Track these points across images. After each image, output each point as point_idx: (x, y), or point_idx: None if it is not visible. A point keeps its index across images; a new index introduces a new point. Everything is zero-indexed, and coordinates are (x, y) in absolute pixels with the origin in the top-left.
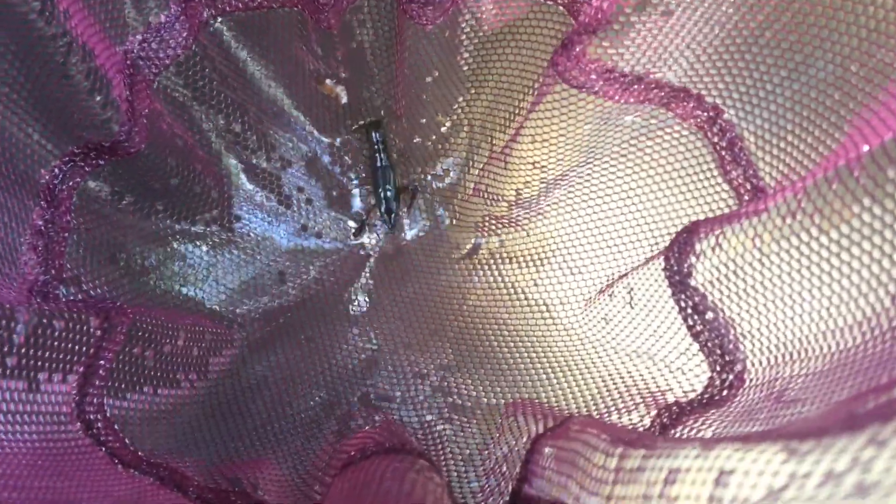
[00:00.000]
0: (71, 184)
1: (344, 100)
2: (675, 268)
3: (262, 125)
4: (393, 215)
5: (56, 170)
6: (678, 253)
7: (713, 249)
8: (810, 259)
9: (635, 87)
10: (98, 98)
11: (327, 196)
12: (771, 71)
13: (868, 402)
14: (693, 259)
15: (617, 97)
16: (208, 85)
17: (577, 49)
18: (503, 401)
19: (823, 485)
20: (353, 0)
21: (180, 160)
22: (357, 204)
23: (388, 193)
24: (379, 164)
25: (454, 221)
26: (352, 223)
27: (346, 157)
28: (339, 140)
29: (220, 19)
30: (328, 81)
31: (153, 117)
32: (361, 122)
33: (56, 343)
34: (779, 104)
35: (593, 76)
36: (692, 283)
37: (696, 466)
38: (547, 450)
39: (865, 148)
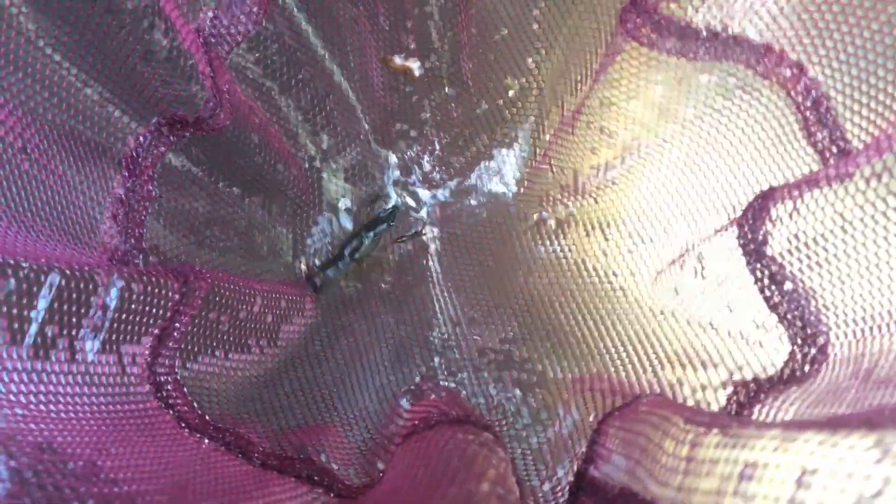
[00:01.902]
0: (155, 153)
1: (417, 73)
2: (750, 235)
3: (329, 101)
4: (318, 279)
5: (141, 138)
6: (753, 220)
7: (790, 215)
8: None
9: (711, 43)
10: (182, 74)
11: (390, 172)
12: (861, 23)
13: None
14: (769, 226)
15: (691, 55)
16: (279, 61)
17: (648, 4)
18: (570, 375)
19: None
20: None
21: (262, 138)
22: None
23: (339, 263)
24: (364, 239)
25: (521, 191)
26: (411, 201)
27: (411, 132)
28: (398, 121)
29: None
30: (396, 59)
31: (234, 95)
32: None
33: (134, 305)
34: (869, 60)
35: (665, 33)
36: (768, 251)
37: (776, 462)
38: (613, 431)
39: None
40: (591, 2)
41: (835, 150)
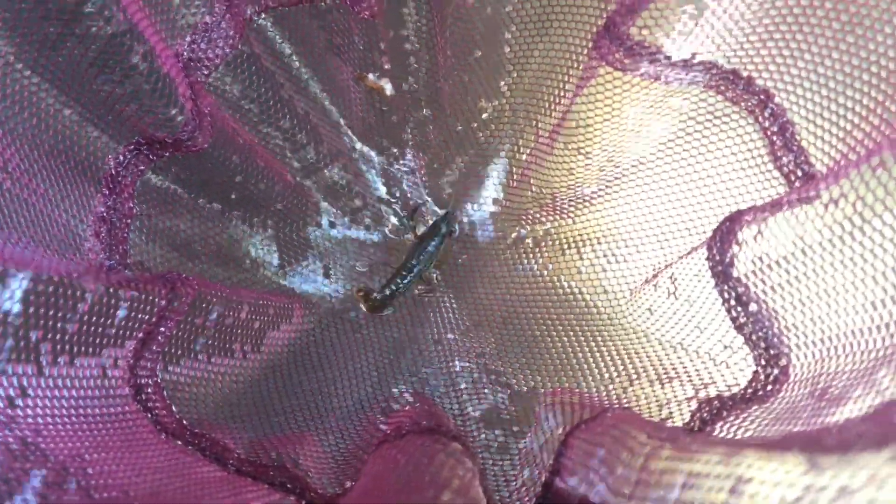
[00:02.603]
0: (134, 172)
1: (389, 92)
2: (718, 257)
3: (310, 120)
4: (384, 296)
5: (121, 157)
6: (721, 242)
7: (755, 238)
8: (853, 249)
9: (682, 69)
10: (161, 97)
11: (372, 189)
12: (823, 52)
13: None
14: (736, 248)
15: (663, 80)
16: (257, 82)
17: (620, 30)
18: (542, 389)
19: (836, 500)
20: None
21: (243, 158)
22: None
23: (405, 278)
24: (426, 247)
25: (500, 209)
26: (393, 219)
27: (393, 149)
28: (378, 136)
29: (263, 16)
30: (370, 76)
31: (216, 117)
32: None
33: (120, 311)
34: (831, 88)
35: (637, 58)
36: (735, 273)
37: (716, 473)
38: (578, 443)
39: None
40: (563, 26)
41: (800, 173)
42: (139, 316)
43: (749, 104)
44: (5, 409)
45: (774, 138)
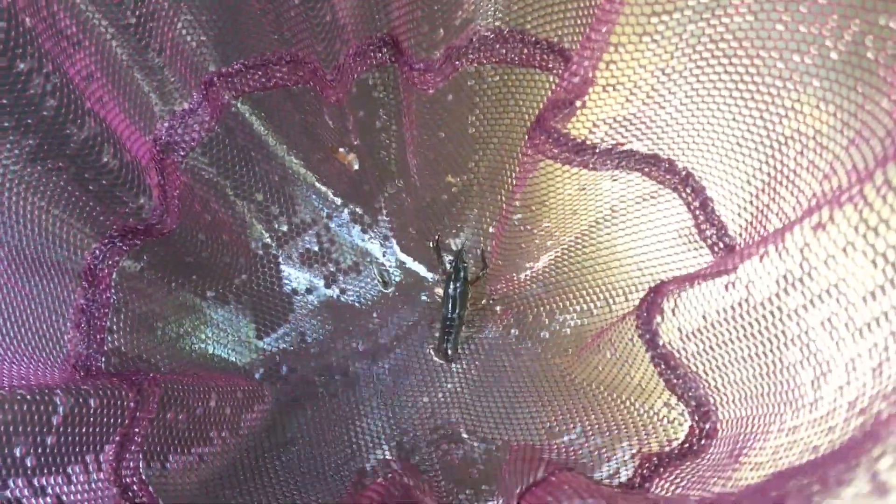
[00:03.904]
0: (110, 263)
1: (355, 167)
2: (645, 326)
3: (284, 193)
4: (446, 350)
5: (97, 251)
6: (647, 311)
7: (672, 311)
8: (760, 322)
9: (607, 156)
10: (130, 188)
11: (347, 254)
12: (738, 136)
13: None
14: (659, 318)
15: (591, 166)
16: (232, 160)
17: (549, 123)
18: (505, 449)
19: None
20: (358, 74)
21: (209, 234)
22: (374, 254)
23: (449, 329)
24: (451, 291)
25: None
26: (375, 277)
27: (365, 217)
28: (353, 205)
29: (239, 100)
30: (341, 150)
31: (184, 198)
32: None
33: (93, 418)
34: (742, 170)
35: (564, 148)
36: (660, 341)
37: None
38: None
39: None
40: (521, 110)
41: (722, 245)
42: (112, 420)
43: (672, 183)
44: None
45: (697, 213)
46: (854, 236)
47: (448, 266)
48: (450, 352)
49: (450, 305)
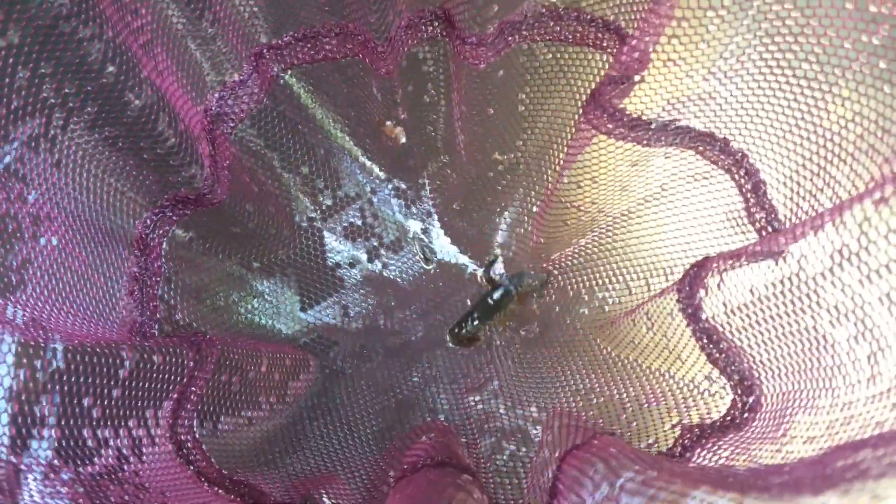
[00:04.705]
0: (161, 232)
1: (402, 140)
2: (687, 300)
3: (329, 166)
4: (459, 331)
5: (148, 220)
6: (689, 286)
7: (718, 286)
8: (812, 297)
9: (662, 133)
10: (184, 158)
11: (390, 229)
12: (798, 121)
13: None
14: (702, 293)
15: (645, 142)
16: (279, 132)
17: (605, 98)
18: (544, 416)
19: None
20: (409, 47)
21: (257, 205)
22: (416, 230)
23: (472, 323)
24: (489, 299)
25: (510, 254)
26: (417, 253)
27: (409, 192)
28: (397, 180)
29: (288, 72)
30: (388, 123)
31: (234, 169)
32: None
33: (156, 374)
34: (798, 153)
35: (620, 123)
36: (703, 315)
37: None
38: (568, 468)
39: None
40: (572, 87)
41: (770, 230)
42: (172, 377)
43: (725, 164)
44: (60, 468)
45: (749, 196)
46: None
47: (500, 277)
48: (458, 339)
49: (484, 307)
